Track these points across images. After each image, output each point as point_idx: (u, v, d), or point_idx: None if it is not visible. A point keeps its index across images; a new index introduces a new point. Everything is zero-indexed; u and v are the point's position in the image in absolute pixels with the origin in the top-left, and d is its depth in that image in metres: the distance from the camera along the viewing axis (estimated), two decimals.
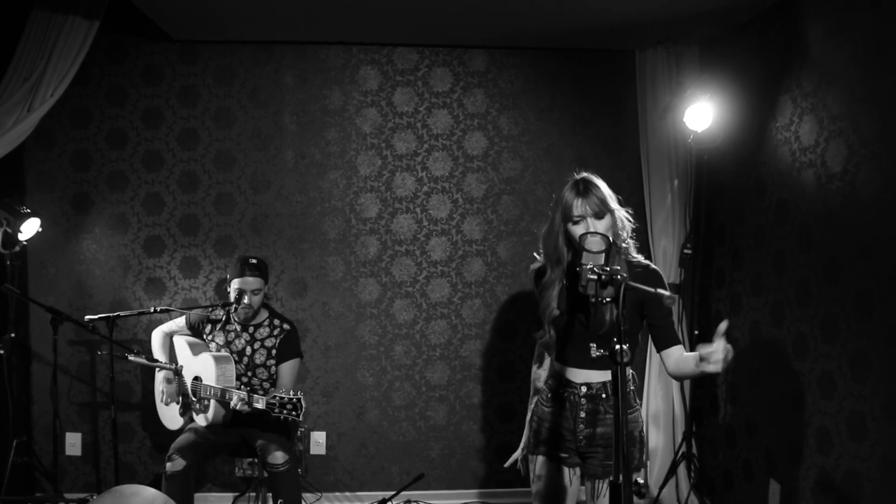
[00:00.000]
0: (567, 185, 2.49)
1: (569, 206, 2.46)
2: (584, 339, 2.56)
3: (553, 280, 2.57)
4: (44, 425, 4.20)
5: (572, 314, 2.56)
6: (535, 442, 2.69)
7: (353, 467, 4.36)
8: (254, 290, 3.57)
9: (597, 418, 2.56)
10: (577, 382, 2.57)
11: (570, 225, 2.47)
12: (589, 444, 2.57)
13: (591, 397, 2.55)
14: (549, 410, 2.66)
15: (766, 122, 3.69)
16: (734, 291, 3.99)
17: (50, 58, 3.75)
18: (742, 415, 3.93)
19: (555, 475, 2.64)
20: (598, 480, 2.56)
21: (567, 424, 2.60)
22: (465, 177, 4.30)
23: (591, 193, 2.45)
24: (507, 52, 4.25)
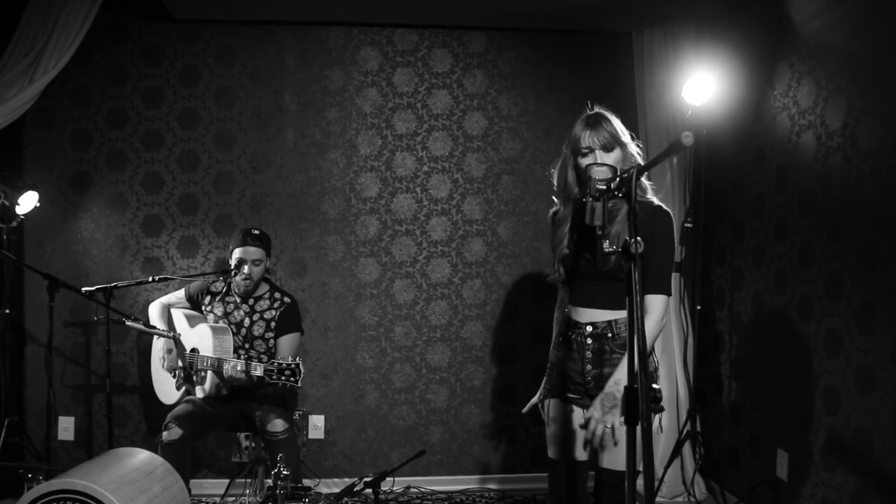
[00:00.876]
0: (579, 118, 2.49)
1: (577, 139, 2.46)
2: (590, 277, 2.53)
3: (565, 216, 2.56)
4: (36, 409, 4.11)
5: (579, 252, 2.55)
6: (548, 386, 2.66)
7: (353, 452, 4.27)
8: (254, 259, 3.54)
9: (603, 359, 2.52)
10: (582, 322, 2.53)
11: (579, 158, 2.47)
12: (597, 385, 2.52)
13: (597, 337, 2.52)
14: (558, 353, 2.64)
15: (764, 92, 3.73)
16: (736, 266, 3.98)
17: (52, 33, 3.77)
18: (747, 390, 3.89)
19: (566, 417, 2.60)
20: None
21: (575, 366, 2.56)
22: (465, 157, 4.31)
23: (600, 126, 2.44)
24: (505, 34, 4.30)
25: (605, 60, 4.36)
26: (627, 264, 1.92)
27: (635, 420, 1.95)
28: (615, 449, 2.47)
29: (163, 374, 3.71)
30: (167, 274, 4.17)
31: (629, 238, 1.89)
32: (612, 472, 2.48)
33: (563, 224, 2.57)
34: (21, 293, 4.12)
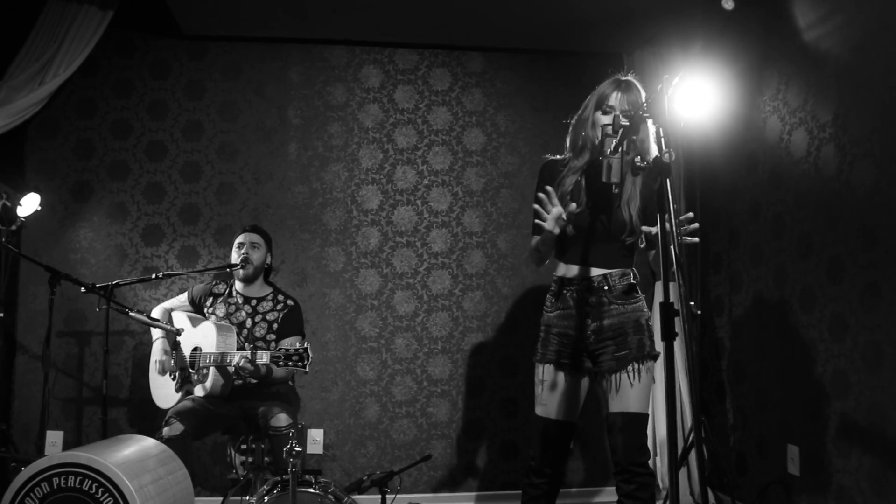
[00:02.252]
0: (609, 79, 2.59)
1: (605, 96, 2.55)
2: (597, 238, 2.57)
3: (575, 167, 2.61)
4: (24, 422, 3.96)
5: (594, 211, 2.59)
6: (542, 351, 2.65)
7: (352, 468, 4.15)
8: (252, 242, 3.58)
9: (602, 311, 2.55)
10: (577, 278, 2.57)
11: (600, 114, 2.55)
12: (598, 339, 2.55)
13: (595, 290, 2.56)
14: (553, 315, 2.64)
15: (753, 100, 3.90)
16: (733, 270, 4.05)
17: (62, 42, 3.87)
18: (751, 392, 3.89)
19: (562, 383, 2.59)
20: (615, 374, 2.52)
21: (574, 324, 2.57)
22: (464, 171, 4.40)
23: (631, 91, 2.55)
24: (502, 55, 4.48)
25: (597, 80, 4.46)
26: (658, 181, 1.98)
27: (671, 335, 1.96)
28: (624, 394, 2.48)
29: (161, 378, 3.61)
30: (166, 285, 4.13)
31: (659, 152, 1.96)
32: (626, 415, 2.49)
33: (573, 174, 2.61)
34: (14, 301, 4.04)
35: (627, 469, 2.47)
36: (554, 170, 2.70)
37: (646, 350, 2.53)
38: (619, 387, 2.51)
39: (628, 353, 2.52)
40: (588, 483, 4.30)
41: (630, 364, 2.51)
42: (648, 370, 2.53)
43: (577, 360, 2.60)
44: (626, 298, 2.56)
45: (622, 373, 2.51)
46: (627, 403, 2.49)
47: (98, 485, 2.51)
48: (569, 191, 2.59)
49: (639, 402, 2.51)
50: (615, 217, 2.57)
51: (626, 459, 2.47)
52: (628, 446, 2.47)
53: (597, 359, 2.57)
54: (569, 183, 2.60)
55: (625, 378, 2.51)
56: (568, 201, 2.57)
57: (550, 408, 2.61)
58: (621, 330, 2.54)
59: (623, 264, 2.59)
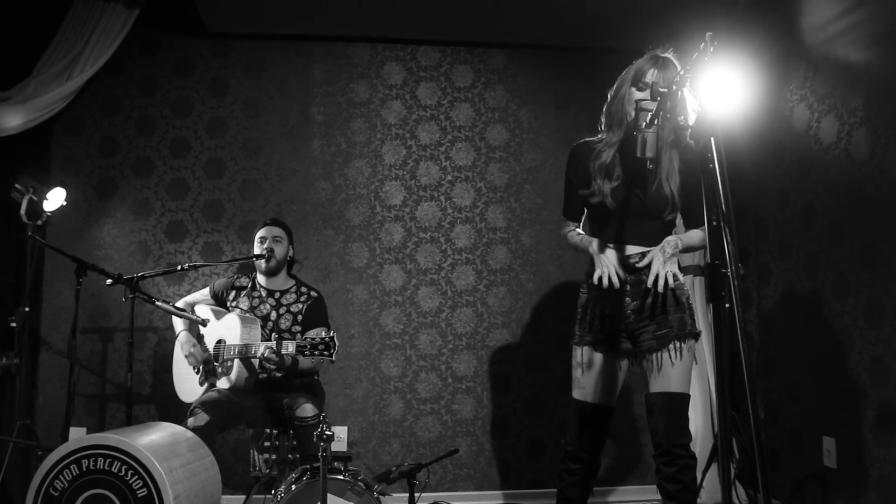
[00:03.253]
0: (647, 54, 2.57)
1: (642, 72, 2.54)
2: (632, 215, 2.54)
3: (611, 142, 2.59)
4: (48, 419, 3.93)
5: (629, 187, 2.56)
6: (579, 333, 2.61)
7: (376, 465, 4.09)
8: (275, 236, 3.57)
9: (641, 289, 2.52)
10: (616, 257, 2.53)
11: (635, 90, 2.53)
12: (638, 318, 2.51)
13: (633, 269, 2.52)
14: (590, 296, 2.60)
15: (779, 90, 3.87)
16: (761, 263, 4.00)
17: (89, 40, 3.90)
18: (782, 385, 3.82)
19: (600, 365, 2.54)
20: (656, 353, 2.47)
21: (612, 304, 2.53)
22: (487, 166, 4.38)
23: (668, 68, 2.52)
24: (525, 52, 4.48)
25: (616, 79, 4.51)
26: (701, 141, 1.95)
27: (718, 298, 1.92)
28: (665, 374, 2.43)
29: (185, 372, 3.58)
30: (189, 281, 4.11)
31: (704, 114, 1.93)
32: (667, 395, 2.43)
33: (608, 149, 2.58)
34: (39, 297, 4.03)
35: (669, 451, 2.41)
36: (584, 152, 2.67)
37: (687, 328, 2.48)
38: (661, 366, 2.46)
39: (669, 331, 2.48)
40: (602, 482, 4.20)
41: (671, 342, 2.47)
42: (690, 349, 2.48)
43: (615, 342, 2.55)
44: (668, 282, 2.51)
45: (663, 352, 2.47)
46: (669, 383, 2.45)
47: (127, 467, 2.47)
48: (606, 163, 2.56)
49: (680, 381, 2.46)
50: (653, 193, 2.54)
51: (667, 441, 2.41)
52: (670, 427, 2.41)
53: (637, 338, 2.53)
54: (605, 156, 2.57)
55: (666, 357, 2.46)
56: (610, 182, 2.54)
57: (588, 391, 2.56)
58: (662, 308, 2.50)
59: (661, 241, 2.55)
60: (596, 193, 2.57)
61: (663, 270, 2.42)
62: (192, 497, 2.61)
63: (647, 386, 2.51)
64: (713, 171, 1.89)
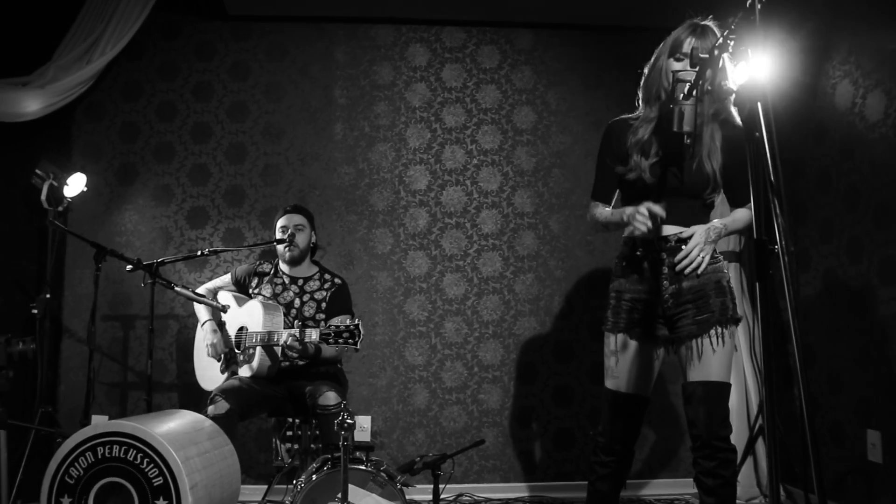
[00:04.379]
0: (685, 23, 2.44)
1: (679, 42, 2.40)
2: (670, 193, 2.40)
3: (648, 117, 2.45)
4: (70, 407, 3.90)
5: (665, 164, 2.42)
6: (613, 319, 2.47)
7: (401, 456, 4.00)
8: (297, 224, 3.48)
9: (680, 273, 2.37)
10: (653, 239, 2.40)
11: (672, 61, 2.40)
12: (677, 302, 2.37)
13: (672, 250, 2.38)
14: (625, 280, 2.47)
15: (821, 66, 3.69)
16: (800, 248, 3.83)
17: (108, 23, 3.84)
18: (822, 375, 3.65)
19: (635, 353, 2.41)
20: (696, 340, 2.33)
21: (648, 287, 2.40)
22: (514, 150, 4.26)
23: (707, 36, 2.38)
24: (552, 32, 4.34)
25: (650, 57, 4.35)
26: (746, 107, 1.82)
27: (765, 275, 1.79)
28: (706, 361, 2.30)
29: (206, 360, 3.52)
30: (210, 268, 4.05)
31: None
32: (707, 384, 2.29)
33: (645, 125, 2.45)
34: (60, 284, 4.00)
35: (709, 444, 2.27)
36: (621, 128, 2.53)
37: (729, 313, 2.34)
38: (702, 353, 2.32)
39: (710, 315, 2.34)
40: (634, 475, 4.08)
41: (713, 328, 2.33)
42: (732, 335, 2.35)
43: (651, 328, 2.42)
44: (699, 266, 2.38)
45: (704, 338, 2.33)
46: (709, 371, 2.31)
47: (143, 455, 2.41)
48: (643, 139, 2.43)
49: (721, 369, 2.32)
50: (693, 171, 2.40)
51: (707, 433, 2.27)
52: (710, 419, 2.27)
53: (675, 324, 2.39)
54: (642, 132, 2.44)
55: (707, 343, 2.32)
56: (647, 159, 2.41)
57: (622, 380, 2.44)
58: (702, 292, 2.36)
59: (701, 222, 2.41)
60: (633, 169, 2.43)
61: (699, 253, 2.30)
62: (210, 486, 2.54)
63: (685, 374, 2.37)
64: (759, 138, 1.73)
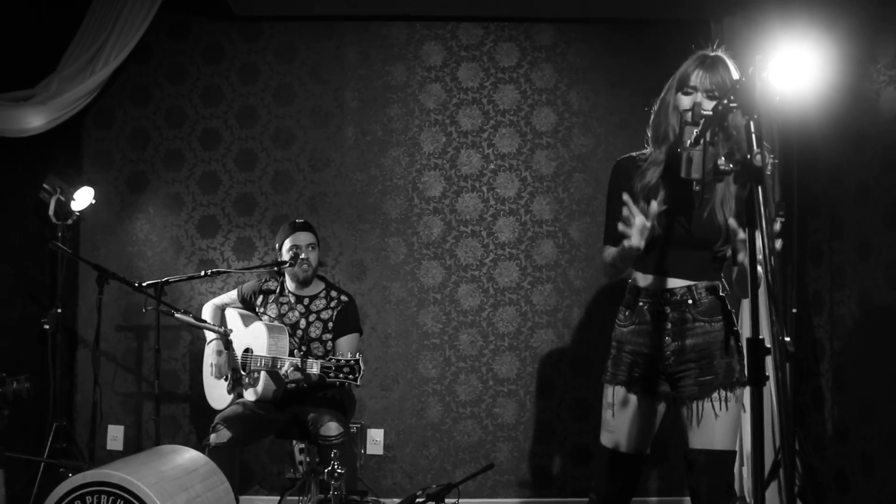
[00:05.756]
0: (695, 54, 2.24)
1: (686, 74, 2.20)
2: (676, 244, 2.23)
3: (655, 160, 2.27)
4: (86, 417, 3.93)
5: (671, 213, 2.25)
6: (612, 370, 2.33)
7: (413, 470, 3.96)
8: (308, 244, 3.37)
9: (685, 328, 2.21)
10: (656, 290, 2.23)
11: (681, 95, 2.20)
12: (679, 360, 2.21)
13: (676, 304, 2.22)
14: (626, 330, 2.32)
15: (864, 69, 3.40)
16: (836, 264, 3.59)
17: (113, 29, 3.74)
18: (854, 402, 3.45)
19: (634, 408, 2.27)
20: (697, 402, 2.18)
21: (649, 341, 2.25)
22: (533, 154, 4.07)
23: (716, 69, 2.17)
24: (574, 26, 4.10)
25: (681, 52, 3.98)
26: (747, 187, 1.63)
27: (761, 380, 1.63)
28: (708, 427, 2.16)
29: (214, 378, 3.49)
30: (223, 279, 4.00)
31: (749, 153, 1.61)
32: (710, 453, 2.15)
33: (653, 168, 2.26)
34: (74, 294, 4.00)
35: None
36: (629, 168, 2.35)
37: (735, 376, 2.18)
38: (702, 417, 2.18)
39: (714, 378, 2.18)
40: (665, 492, 3.97)
41: (716, 391, 2.18)
42: (738, 399, 2.18)
43: (653, 383, 2.28)
44: (712, 315, 2.21)
45: (706, 401, 2.18)
46: (712, 439, 2.16)
47: None
48: (650, 184, 2.25)
49: (725, 436, 2.17)
50: (704, 221, 2.21)
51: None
52: (713, 490, 2.14)
53: (676, 383, 2.25)
54: (650, 176, 2.25)
55: (709, 408, 2.18)
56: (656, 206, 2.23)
57: (619, 436, 2.31)
58: (707, 351, 2.20)
59: (711, 276, 2.23)
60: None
61: None
62: None
63: (687, 439, 2.23)
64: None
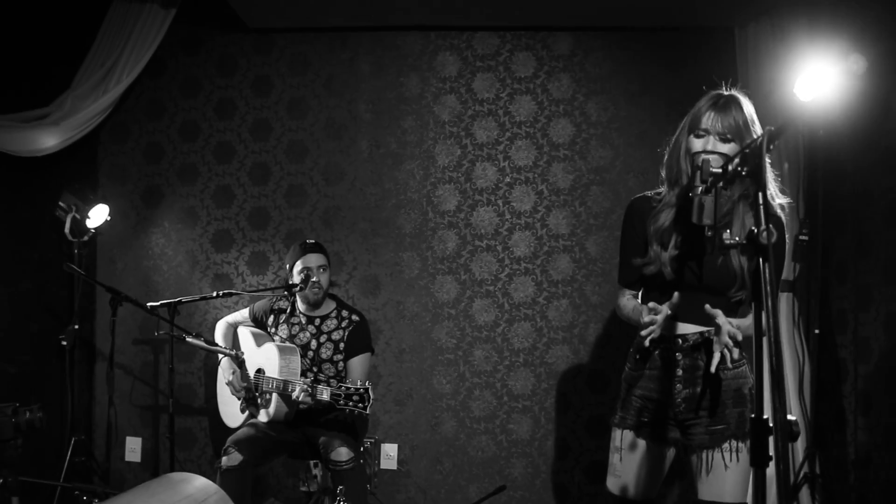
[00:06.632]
0: (708, 94, 2.16)
1: (698, 117, 2.14)
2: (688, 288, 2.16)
3: (669, 202, 2.20)
4: (105, 428, 3.98)
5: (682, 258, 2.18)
6: (621, 413, 2.29)
7: (427, 485, 3.95)
8: (319, 266, 3.35)
9: (696, 375, 2.17)
10: (669, 336, 2.18)
11: (693, 138, 2.13)
12: (689, 408, 2.17)
13: (689, 351, 2.16)
14: (637, 374, 2.27)
15: (893, 80, 3.26)
16: (861, 283, 3.48)
17: (126, 45, 3.76)
18: (878, 427, 3.36)
19: (642, 453, 2.23)
20: (707, 451, 2.14)
21: (660, 387, 2.20)
22: (550, 166, 3.99)
23: (728, 111, 2.10)
24: (593, 34, 3.99)
25: (704, 59, 3.96)
26: (754, 261, 1.56)
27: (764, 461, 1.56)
28: (718, 478, 2.11)
29: (228, 395, 3.51)
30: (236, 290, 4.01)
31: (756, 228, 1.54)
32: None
33: (667, 210, 2.20)
34: (92, 309, 4.05)
35: None
36: (643, 209, 2.29)
37: (747, 426, 2.12)
38: (712, 468, 2.13)
39: (725, 428, 2.13)
40: None
41: (727, 441, 2.13)
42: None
43: (662, 429, 2.23)
44: (725, 362, 2.15)
45: (716, 451, 2.14)
46: (722, 491, 2.11)
47: None
48: (663, 227, 2.19)
49: (736, 488, 2.12)
50: (718, 266, 2.15)
51: None
52: None
53: (687, 430, 2.20)
54: (663, 218, 2.20)
55: (719, 458, 2.13)
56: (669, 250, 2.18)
57: (626, 481, 2.27)
58: (719, 400, 2.15)
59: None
60: (653, 261, 2.21)
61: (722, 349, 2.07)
62: None
63: (696, 488, 2.19)
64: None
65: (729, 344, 2.02)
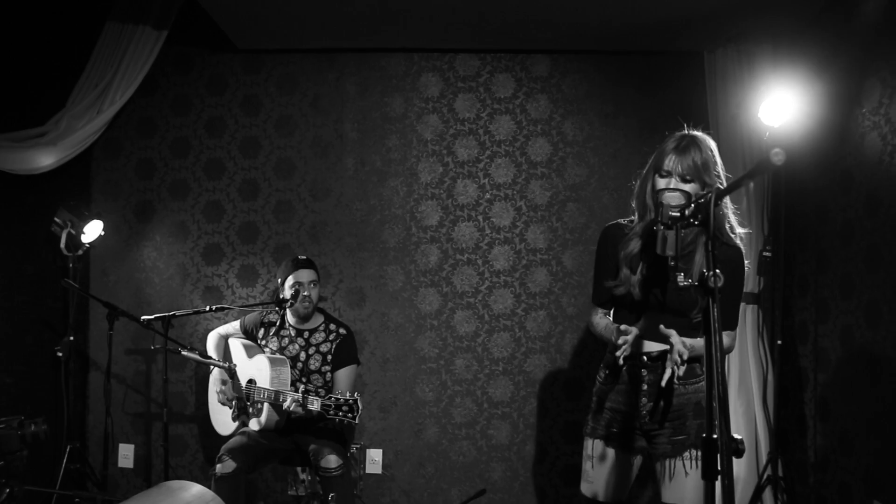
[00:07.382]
0: (673, 135, 2.34)
1: (661, 158, 2.32)
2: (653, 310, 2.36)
3: (637, 232, 2.39)
4: (98, 436, 4.12)
5: (648, 283, 2.37)
6: (592, 424, 2.49)
7: (411, 488, 4.12)
8: (310, 281, 3.50)
9: (657, 389, 2.35)
10: (636, 353, 2.37)
11: (657, 176, 2.32)
12: (653, 420, 2.36)
13: (653, 367, 2.35)
14: (607, 388, 2.48)
15: (850, 110, 3.47)
16: (820, 297, 3.70)
17: (119, 66, 3.86)
18: (835, 432, 3.57)
19: (612, 460, 2.42)
20: (670, 460, 2.34)
21: (626, 399, 2.40)
22: (528, 184, 4.17)
23: (688, 153, 2.28)
24: (570, 57, 4.17)
25: (675, 82, 4.17)
26: (704, 300, 1.75)
27: (713, 475, 1.75)
28: (678, 484, 2.31)
29: (218, 404, 3.65)
30: (226, 303, 4.15)
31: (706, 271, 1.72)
32: None
33: (635, 239, 2.39)
34: (86, 320, 4.17)
35: None
36: (616, 235, 2.48)
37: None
38: (674, 475, 2.33)
39: (686, 438, 2.33)
40: None
41: (687, 451, 2.33)
42: None
43: (629, 439, 2.42)
44: (687, 378, 2.35)
45: (678, 459, 2.33)
46: (682, 495, 2.31)
47: None
48: (632, 253, 2.38)
49: (694, 493, 2.32)
50: (680, 292, 2.34)
51: None
52: None
53: (652, 440, 2.40)
54: (632, 246, 2.39)
55: (680, 465, 2.33)
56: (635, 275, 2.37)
57: (598, 486, 2.46)
58: (680, 412, 2.35)
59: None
60: (623, 283, 2.39)
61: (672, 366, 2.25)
62: None
63: (659, 492, 2.38)
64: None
65: (677, 361, 2.20)
